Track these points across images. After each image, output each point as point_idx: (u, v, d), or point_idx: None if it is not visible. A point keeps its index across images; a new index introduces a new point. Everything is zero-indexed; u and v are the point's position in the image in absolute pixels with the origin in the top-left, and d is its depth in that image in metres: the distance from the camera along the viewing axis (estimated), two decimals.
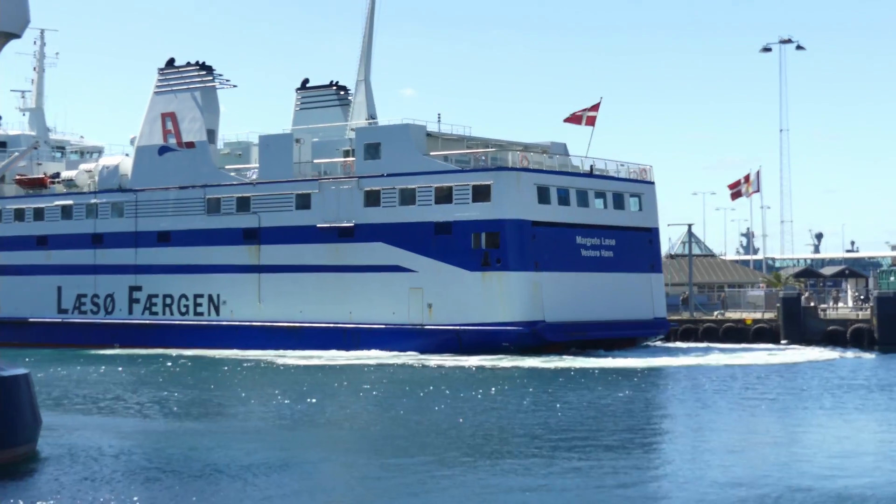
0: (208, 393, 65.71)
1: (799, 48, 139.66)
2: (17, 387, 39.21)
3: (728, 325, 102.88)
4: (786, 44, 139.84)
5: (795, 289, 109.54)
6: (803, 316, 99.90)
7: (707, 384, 67.35)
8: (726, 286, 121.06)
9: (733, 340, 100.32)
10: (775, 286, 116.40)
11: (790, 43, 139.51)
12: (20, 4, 39.42)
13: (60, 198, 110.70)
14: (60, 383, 71.19)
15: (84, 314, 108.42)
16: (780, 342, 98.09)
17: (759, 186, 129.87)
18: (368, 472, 39.34)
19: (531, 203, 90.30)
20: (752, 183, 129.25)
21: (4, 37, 39.61)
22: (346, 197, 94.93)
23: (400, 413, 55.24)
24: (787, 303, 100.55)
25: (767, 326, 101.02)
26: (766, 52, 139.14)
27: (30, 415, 39.95)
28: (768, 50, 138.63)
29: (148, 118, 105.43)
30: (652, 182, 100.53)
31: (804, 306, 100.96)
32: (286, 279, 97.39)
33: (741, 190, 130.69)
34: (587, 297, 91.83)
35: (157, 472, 38.44)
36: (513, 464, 39.79)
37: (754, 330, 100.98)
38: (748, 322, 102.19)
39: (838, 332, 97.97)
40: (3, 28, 39.17)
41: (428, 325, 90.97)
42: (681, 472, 38.34)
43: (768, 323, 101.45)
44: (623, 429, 48.77)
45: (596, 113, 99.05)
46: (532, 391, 63.99)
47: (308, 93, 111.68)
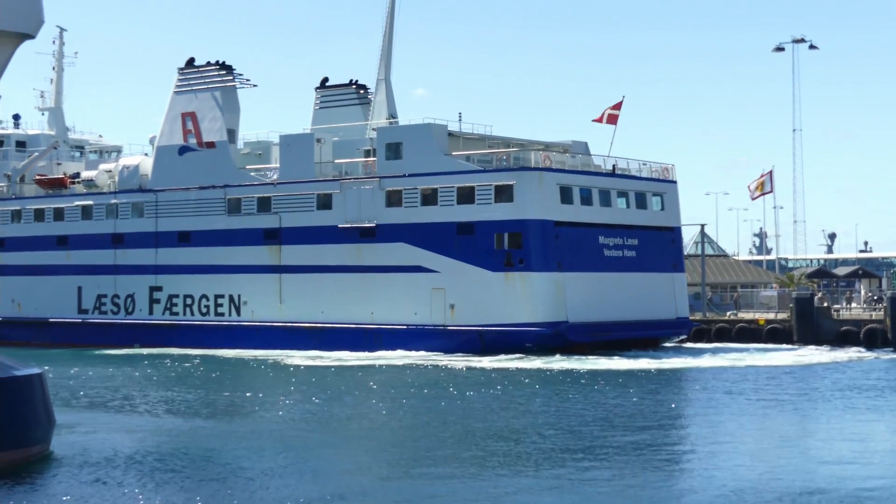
0: (221, 393, 65.67)
1: (812, 48, 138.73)
2: (31, 386, 39.19)
3: (741, 326, 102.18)
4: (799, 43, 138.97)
5: (808, 289, 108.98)
6: (816, 316, 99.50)
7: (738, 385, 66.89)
8: (739, 286, 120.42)
9: (746, 341, 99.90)
10: (788, 286, 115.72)
11: (803, 42, 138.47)
12: (34, 5, 39.46)
13: (80, 198, 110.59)
14: (77, 383, 71.22)
15: (104, 314, 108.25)
16: (794, 343, 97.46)
17: (773, 186, 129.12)
18: (385, 473, 39.24)
19: (554, 203, 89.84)
20: (764, 183, 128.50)
21: (19, 37, 39.58)
22: (367, 197, 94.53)
23: (418, 414, 55.09)
24: (800, 303, 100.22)
25: (780, 327, 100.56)
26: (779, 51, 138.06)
27: (43, 415, 39.86)
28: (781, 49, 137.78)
29: (168, 118, 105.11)
30: (674, 181, 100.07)
31: (817, 307, 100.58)
32: (307, 280, 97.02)
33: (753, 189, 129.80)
34: (610, 298, 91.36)
35: (171, 474, 38.36)
36: (524, 468, 39.61)
37: (767, 330, 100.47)
38: (761, 322, 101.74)
39: (851, 332, 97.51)
40: (17, 28, 39.18)
41: (450, 326, 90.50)
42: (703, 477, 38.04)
43: (781, 323, 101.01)
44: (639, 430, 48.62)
45: (618, 112, 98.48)
46: (550, 392, 63.89)
47: (327, 92, 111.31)
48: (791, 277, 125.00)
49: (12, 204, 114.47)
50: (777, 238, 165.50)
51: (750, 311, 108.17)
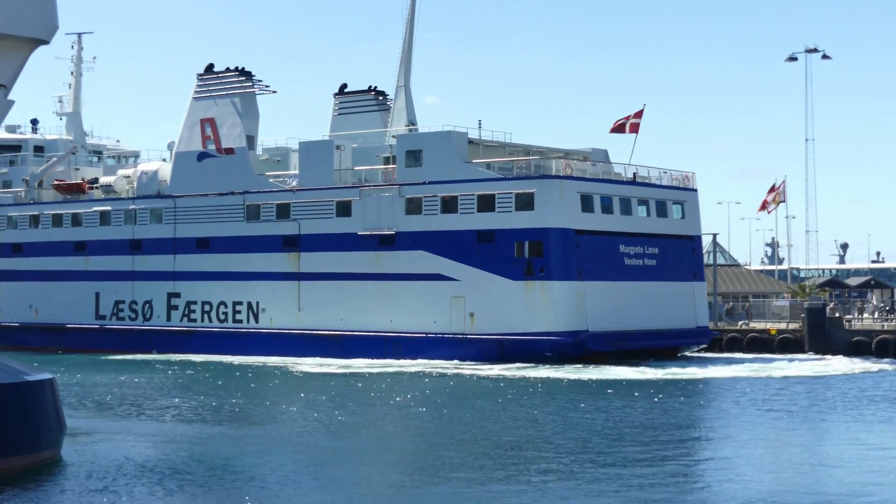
0: (230, 400, 65.55)
1: (825, 57, 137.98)
2: (42, 392, 39.23)
3: (752, 336, 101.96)
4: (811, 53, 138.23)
5: (820, 299, 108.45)
6: (828, 327, 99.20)
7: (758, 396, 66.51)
8: (751, 296, 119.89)
9: (758, 351, 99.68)
10: (800, 297, 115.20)
11: (816, 52, 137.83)
12: (48, 11, 39.54)
13: (99, 203, 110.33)
14: (91, 389, 71.17)
15: (122, 320, 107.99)
16: (806, 353, 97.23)
17: (785, 196, 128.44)
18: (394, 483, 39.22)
19: (575, 211, 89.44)
20: (779, 194, 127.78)
21: (33, 43, 39.67)
22: (387, 204, 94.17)
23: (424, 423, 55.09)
24: (811, 313, 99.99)
25: (792, 337, 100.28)
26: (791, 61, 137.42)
27: (54, 420, 39.94)
28: (794, 59, 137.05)
29: (187, 124, 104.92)
30: (694, 189, 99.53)
31: (829, 317, 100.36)
32: (326, 287, 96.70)
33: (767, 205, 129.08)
34: (630, 306, 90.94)
35: (181, 481, 38.29)
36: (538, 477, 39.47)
37: (779, 340, 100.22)
38: (773, 332, 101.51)
39: (863, 343, 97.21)
40: (32, 34, 39.26)
41: (470, 335, 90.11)
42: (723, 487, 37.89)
43: (793, 333, 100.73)
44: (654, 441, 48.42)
45: (639, 120, 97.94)
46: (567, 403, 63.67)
47: (346, 98, 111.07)
48: (803, 287, 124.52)
49: (30, 209, 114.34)
50: (789, 248, 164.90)
51: (761, 322, 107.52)
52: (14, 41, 39.00)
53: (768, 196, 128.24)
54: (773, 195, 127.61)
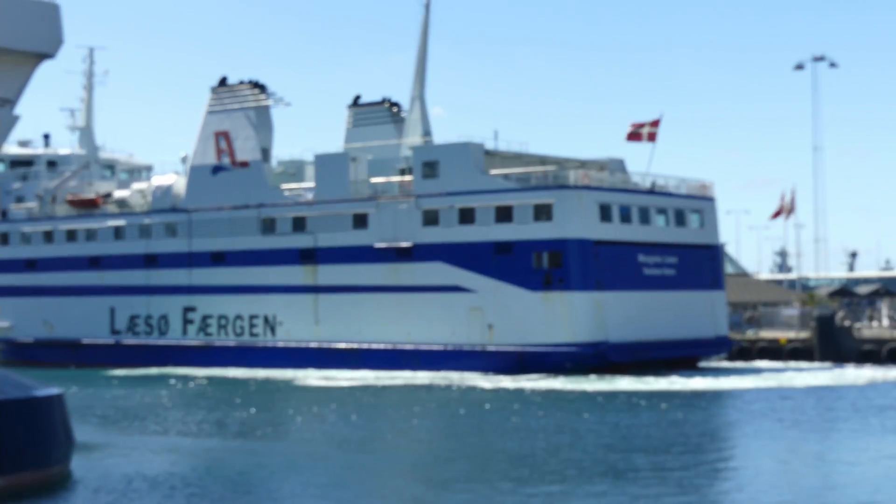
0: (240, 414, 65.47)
1: (832, 66, 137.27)
2: (50, 407, 39.38)
3: (763, 345, 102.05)
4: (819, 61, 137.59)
5: (830, 308, 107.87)
6: (838, 335, 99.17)
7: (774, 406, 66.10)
8: (760, 305, 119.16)
9: (768, 360, 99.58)
10: (810, 305, 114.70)
11: (823, 60, 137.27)
12: (53, 25, 39.73)
13: (113, 218, 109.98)
14: (104, 404, 71.20)
15: (137, 335, 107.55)
16: (816, 361, 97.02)
17: (794, 206, 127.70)
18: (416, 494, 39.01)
19: (593, 221, 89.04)
20: (788, 208, 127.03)
21: (38, 57, 39.85)
22: (403, 216, 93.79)
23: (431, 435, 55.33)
24: (821, 322, 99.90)
25: (802, 346, 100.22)
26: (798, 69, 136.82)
27: (63, 435, 40.04)
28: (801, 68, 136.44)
29: (201, 137, 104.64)
30: (712, 198, 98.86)
31: (839, 325, 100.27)
32: (343, 300, 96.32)
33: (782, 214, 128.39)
34: (650, 316, 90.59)
35: (191, 496, 38.20)
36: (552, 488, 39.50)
37: (789, 349, 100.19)
38: (782, 342, 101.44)
39: (873, 351, 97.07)
40: (37, 49, 39.49)
41: (488, 346, 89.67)
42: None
43: (802, 342, 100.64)
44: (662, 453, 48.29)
45: (657, 129, 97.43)
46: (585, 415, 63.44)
47: (360, 110, 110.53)
48: (812, 296, 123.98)
49: (44, 224, 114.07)
50: (798, 257, 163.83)
51: (771, 330, 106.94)
52: (19, 56, 39.18)
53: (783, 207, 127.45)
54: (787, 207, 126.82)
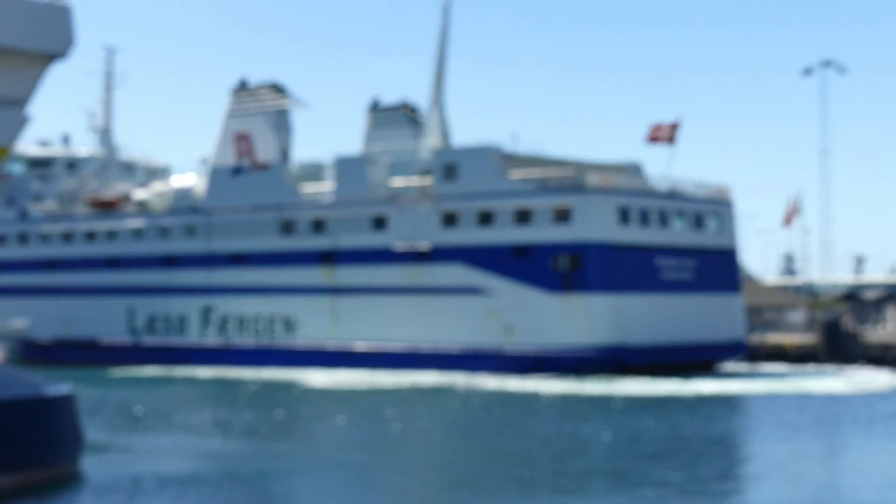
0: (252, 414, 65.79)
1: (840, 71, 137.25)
2: (60, 406, 39.71)
3: (769, 349, 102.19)
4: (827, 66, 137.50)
5: (836, 312, 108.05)
6: (844, 340, 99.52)
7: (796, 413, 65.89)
8: (766, 309, 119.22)
9: (773, 364, 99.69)
10: (816, 310, 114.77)
11: (831, 65, 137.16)
12: (65, 26, 39.97)
13: (132, 219, 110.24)
14: (119, 404, 71.66)
15: (156, 335, 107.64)
16: (821, 365, 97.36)
17: (801, 210, 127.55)
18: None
19: (612, 225, 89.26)
20: (796, 211, 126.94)
21: (49, 58, 40.12)
22: (422, 218, 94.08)
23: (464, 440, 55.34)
24: (828, 326, 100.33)
25: (808, 350, 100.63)
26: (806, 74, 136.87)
27: (72, 434, 40.35)
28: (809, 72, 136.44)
29: (221, 139, 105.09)
30: (730, 202, 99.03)
31: (845, 330, 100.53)
32: (362, 301, 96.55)
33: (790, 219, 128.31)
34: (667, 320, 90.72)
35: (200, 496, 38.42)
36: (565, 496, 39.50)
37: (795, 354, 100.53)
38: (788, 346, 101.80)
39: (879, 355, 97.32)
40: (48, 49, 39.72)
41: (507, 348, 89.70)
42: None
43: (809, 347, 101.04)
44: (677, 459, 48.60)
45: (675, 132, 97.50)
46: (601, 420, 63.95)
47: (378, 114, 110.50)
48: (819, 301, 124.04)
49: (63, 225, 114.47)
50: (805, 261, 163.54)
51: (777, 335, 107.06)
52: (31, 56, 39.47)
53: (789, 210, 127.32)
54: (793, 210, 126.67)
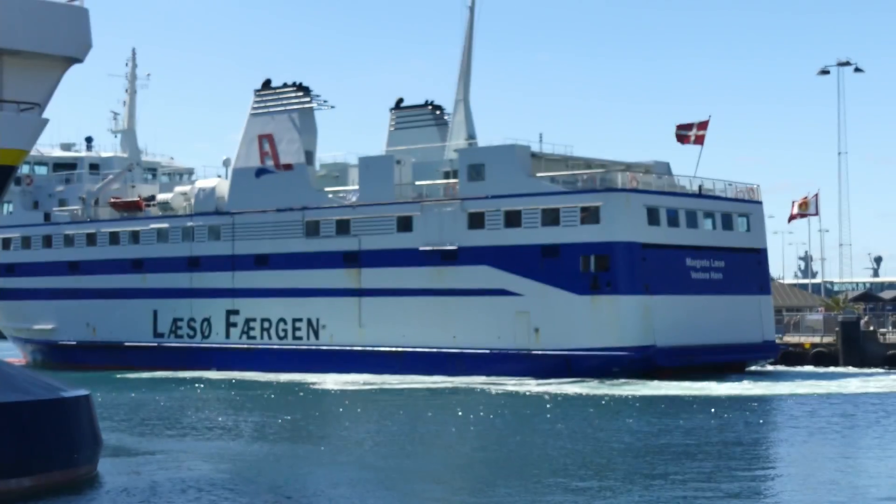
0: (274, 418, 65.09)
1: (857, 70, 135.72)
2: (78, 408, 39.75)
3: (787, 350, 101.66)
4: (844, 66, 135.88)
5: (854, 313, 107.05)
6: (862, 340, 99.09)
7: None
8: (784, 310, 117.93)
9: (792, 364, 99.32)
10: (834, 310, 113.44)
11: (848, 65, 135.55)
12: (82, 29, 40.05)
13: (156, 221, 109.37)
14: (141, 406, 71.45)
15: (180, 338, 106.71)
16: (840, 367, 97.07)
17: (818, 209, 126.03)
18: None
19: (641, 225, 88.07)
20: (808, 202, 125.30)
21: (67, 61, 40.16)
22: (448, 219, 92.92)
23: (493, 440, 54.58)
24: (846, 327, 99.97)
25: (826, 351, 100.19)
26: (823, 74, 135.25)
27: (90, 436, 40.36)
28: (826, 72, 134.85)
29: (244, 140, 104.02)
30: (759, 202, 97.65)
31: (863, 330, 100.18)
32: (388, 303, 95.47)
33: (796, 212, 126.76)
34: (697, 321, 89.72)
35: (219, 499, 38.07)
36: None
37: (813, 354, 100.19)
38: (806, 346, 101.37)
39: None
40: (65, 53, 39.73)
41: (535, 350, 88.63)
42: None
43: (827, 347, 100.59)
44: None
45: (704, 132, 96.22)
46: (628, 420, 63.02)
47: (403, 113, 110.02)
48: (837, 301, 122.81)
49: (87, 227, 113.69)
50: (822, 261, 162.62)
51: (795, 335, 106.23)
52: (48, 60, 39.51)
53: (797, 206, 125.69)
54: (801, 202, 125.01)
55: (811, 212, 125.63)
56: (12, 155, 38.98)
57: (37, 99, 39.47)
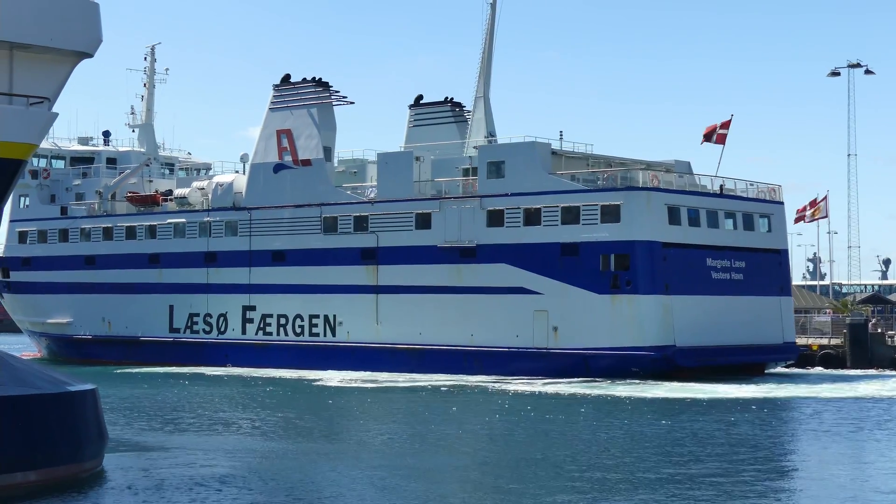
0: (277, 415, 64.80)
1: (868, 72, 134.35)
2: (83, 403, 39.78)
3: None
4: (854, 68, 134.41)
5: (862, 315, 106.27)
6: (870, 342, 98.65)
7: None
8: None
9: (799, 366, 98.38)
10: (842, 312, 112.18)
11: (859, 67, 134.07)
12: (92, 24, 39.96)
13: (173, 215, 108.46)
14: (152, 402, 71.17)
15: (196, 333, 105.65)
16: (847, 369, 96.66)
17: (827, 211, 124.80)
18: None
19: (662, 224, 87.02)
20: (820, 208, 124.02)
21: (76, 56, 40.05)
22: (467, 216, 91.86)
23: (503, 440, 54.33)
24: (854, 329, 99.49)
25: (834, 353, 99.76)
26: (834, 76, 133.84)
27: (95, 431, 40.34)
28: (837, 74, 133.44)
29: (263, 135, 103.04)
30: (781, 202, 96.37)
31: (871, 333, 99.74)
32: (405, 300, 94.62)
33: (805, 215, 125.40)
34: (718, 321, 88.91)
35: (223, 495, 37.85)
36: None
37: (821, 356, 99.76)
38: (814, 348, 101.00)
39: None
40: (75, 47, 39.61)
41: (553, 350, 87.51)
42: None
43: (835, 349, 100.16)
44: None
45: (726, 131, 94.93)
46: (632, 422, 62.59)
47: (421, 109, 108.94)
48: (845, 303, 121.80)
49: (104, 221, 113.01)
50: (831, 263, 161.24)
51: (803, 337, 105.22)
52: (57, 54, 39.45)
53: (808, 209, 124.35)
54: (813, 209, 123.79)
55: (821, 215, 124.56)
56: (21, 149, 38.75)
57: (46, 93, 39.33)
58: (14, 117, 38.20)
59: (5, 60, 38.47)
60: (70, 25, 39.02)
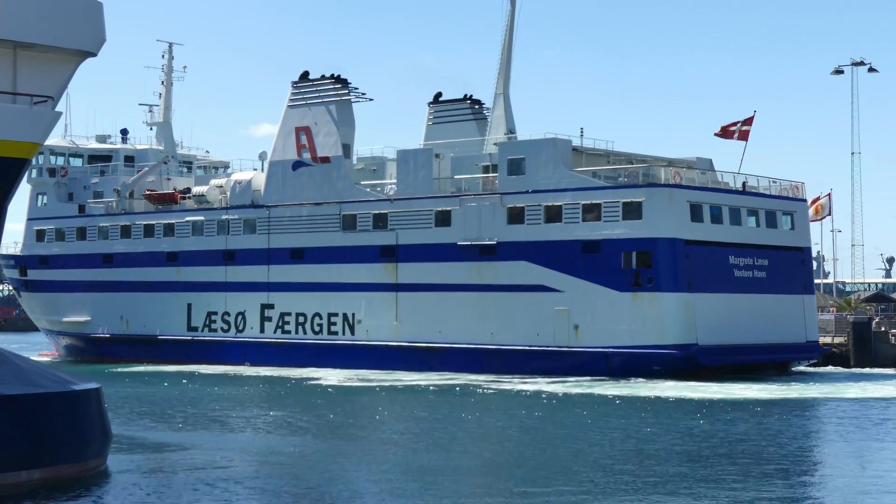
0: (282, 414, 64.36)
1: (871, 70, 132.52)
2: (87, 401, 39.88)
3: None
4: (858, 66, 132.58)
5: (866, 313, 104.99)
6: (874, 341, 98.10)
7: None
8: None
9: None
10: (845, 311, 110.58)
11: (862, 65, 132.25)
12: (96, 23, 40.03)
13: (191, 213, 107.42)
14: (164, 401, 70.83)
15: (214, 332, 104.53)
16: (851, 367, 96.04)
17: (831, 210, 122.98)
18: None
19: (684, 221, 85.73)
20: (822, 207, 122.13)
21: (80, 55, 40.20)
22: (488, 214, 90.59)
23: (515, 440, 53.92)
24: (857, 327, 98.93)
25: (837, 351, 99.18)
26: (837, 74, 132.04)
27: (99, 429, 40.43)
28: (840, 72, 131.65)
29: (281, 132, 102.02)
30: (804, 200, 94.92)
31: (875, 331, 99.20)
32: (425, 298, 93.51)
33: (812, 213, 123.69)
34: (740, 320, 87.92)
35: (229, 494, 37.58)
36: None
37: (825, 354, 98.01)
38: None
39: None
40: (79, 46, 39.71)
41: (574, 348, 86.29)
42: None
43: (838, 347, 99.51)
44: None
45: (749, 127, 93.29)
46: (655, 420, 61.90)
47: (441, 107, 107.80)
48: (848, 301, 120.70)
49: (122, 219, 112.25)
50: (834, 262, 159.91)
51: None
52: (61, 54, 39.54)
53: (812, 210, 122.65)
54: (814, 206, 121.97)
55: (824, 214, 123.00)
56: (26, 148, 38.72)
57: (50, 92, 39.39)
58: (18, 116, 38.20)
59: (9, 60, 38.61)
60: (74, 25, 39.14)
